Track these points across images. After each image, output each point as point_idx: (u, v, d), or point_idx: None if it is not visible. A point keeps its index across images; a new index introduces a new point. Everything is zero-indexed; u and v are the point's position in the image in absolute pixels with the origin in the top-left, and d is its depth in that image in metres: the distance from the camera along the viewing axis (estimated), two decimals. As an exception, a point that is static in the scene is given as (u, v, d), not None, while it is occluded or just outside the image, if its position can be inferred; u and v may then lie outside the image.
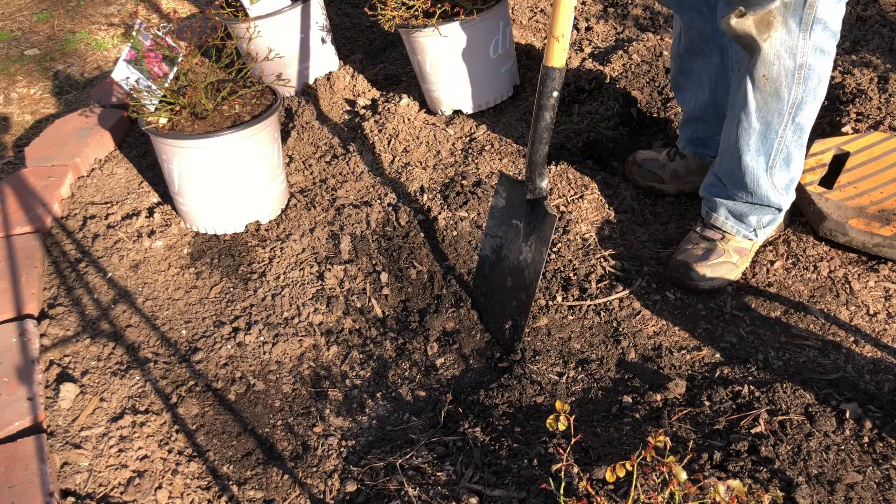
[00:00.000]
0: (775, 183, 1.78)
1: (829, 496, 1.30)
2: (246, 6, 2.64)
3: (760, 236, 1.89)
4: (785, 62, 1.61)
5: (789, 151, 1.74)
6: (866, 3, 2.80)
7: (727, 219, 1.88)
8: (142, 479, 1.58)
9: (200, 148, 2.06)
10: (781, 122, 1.69)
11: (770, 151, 1.74)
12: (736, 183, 1.81)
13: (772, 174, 1.77)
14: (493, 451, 1.52)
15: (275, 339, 1.89)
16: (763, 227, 1.87)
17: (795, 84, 1.64)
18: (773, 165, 1.76)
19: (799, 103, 1.66)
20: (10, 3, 4.13)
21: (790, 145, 1.73)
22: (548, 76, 1.65)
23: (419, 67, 2.59)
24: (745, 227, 1.87)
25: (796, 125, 1.70)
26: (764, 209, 1.84)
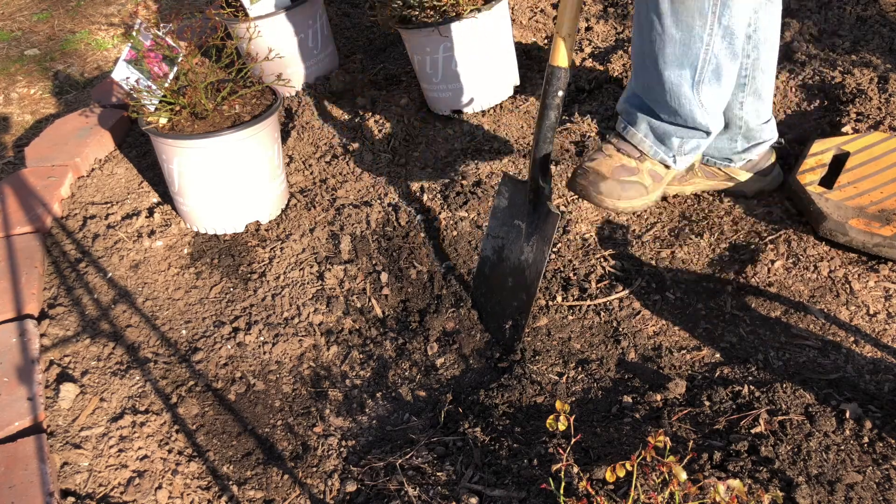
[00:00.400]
0: (702, 101, 1.54)
1: (829, 496, 1.30)
2: (246, 6, 2.64)
3: (679, 163, 1.66)
4: None
5: (719, 62, 1.49)
6: (866, 3, 2.80)
7: (646, 136, 1.64)
8: (142, 479, 1.58)
9: (200, 148, 2.06)
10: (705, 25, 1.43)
11: (696, 63, 1.48)
12: (656, 100, 1.57)
13: (698, 90, 1.52)
14: (493, 451, 1.52)
15: (275, 339, 1.89)
16: (685, 153, 1.64)
17: None
18: (701, 80, 1.51)
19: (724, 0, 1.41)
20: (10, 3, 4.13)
21: (720, 54, 1.48)
22: (554, 75, 1.63)
23: (419, 67, 2.59)
24: (666, 149, 1.64)
25: (724, 28, 1.45)
26: (690, 131, 1.61)
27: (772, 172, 2.10)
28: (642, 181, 1.65)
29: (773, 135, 2.05)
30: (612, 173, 1.63)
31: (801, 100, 2.42)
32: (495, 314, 1.88)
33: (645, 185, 1.65)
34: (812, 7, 2.84)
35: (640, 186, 1.64)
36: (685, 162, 1.66)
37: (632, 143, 1.65)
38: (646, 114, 1.61)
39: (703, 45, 1.46)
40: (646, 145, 1.64)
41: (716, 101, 1.56)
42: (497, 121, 2.58)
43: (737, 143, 2.01)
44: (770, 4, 1.75)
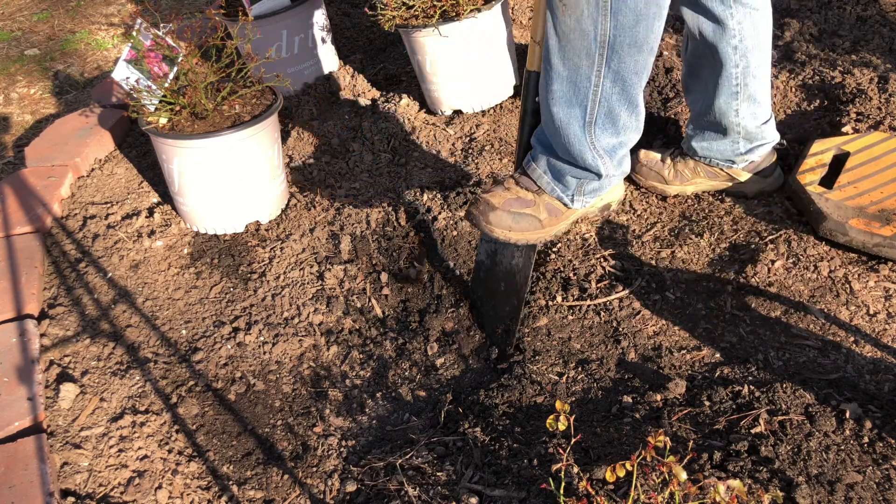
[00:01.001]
0: (594, 143, 1.52)
1: (829, 496, 1.30)
2: (246, 6, 2.64)
3: (577, 203, 1.64)
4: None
5: (611, 106, 1.48)
6: (866, 3, 2.80)
7: (545, 173, 1.63)
8: (142, 479, 1.58)
9: (200, 148, 2.06)
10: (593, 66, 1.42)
11: (585, 103, 1.47)
12: (551, 136, 1.56)
13: (590, 132, 1.50)
14: (493, 451, 1.52)
15: (275, 339, 1.89)
16: (583, 194, 1.62)
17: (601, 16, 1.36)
18: (593, 122, 1.49)
19: (611, 44, 1.39)
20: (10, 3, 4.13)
21: (610, 98, 1.46)
22: (531, 80, 1.64)
23: (419, 67, 2.59)
24: (562, 188, 1.62)
25: (615, 74, 1.43)
26: (583, 172, 1.58)
27: (773, 173, 2.10)
28: (537, 214, 1.65)
29: (774, 136, 2.05)
30: (503, 204, 1.64)
31: (801, 100, 2.42)
32: (490, 318, 1.89)
33: (539, 219, 1.65)
34: (812, 7, 2.84)
35: (533, 219, 1.64)
36: (583, 203, 1.65)
37: (531, 178, 1.66)
38: (546, 150, 1.62)
39: (591, 86, 1.45)
40: (543, 181, 1.65)
41: (612, 148, 1.55)
42: (497, 121, 2.58)
43: (738, 145, 2.02)
44: (754, 12, 1.78)
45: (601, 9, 1.36)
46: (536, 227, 1.64)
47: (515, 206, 1.63)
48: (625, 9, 1.35)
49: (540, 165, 1.64)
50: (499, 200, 1.64)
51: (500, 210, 1.63)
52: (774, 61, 2.59)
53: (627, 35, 1.38)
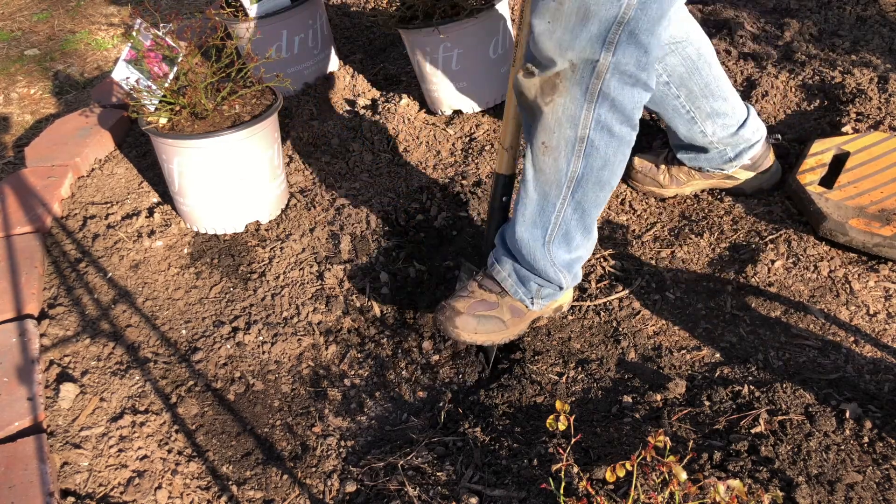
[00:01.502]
0: (553, 260, 1.65)
1: (829, 496, 1.30)
2: (246, 6, 2.64)
3: (536, 306, 1.75)
4: (566, 131, 1.49)
5: (568, 229, 1.62)
6: (866, 3, 2.80)
7: (509, 276, 1.73)
8: (142, 479, 1.58)
9: (200, 148, 2.06)
10: (559, 196, 1.57)
11: (547, 226, 1.62)
12: (518, 251, 1.69)
13: (549, 250, 1.64)
14: (493, 451, 1.52)
15: (274, 338, 1.89)
16: (542, 297, 1.74)
17: (575, 157, 1.52)
18: (551, 241, 1.63)
19: (578, 179, 1.54)
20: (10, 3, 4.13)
21: (569, 223, 1.61)
22: (499, 182, 1.77)
23: (419, 67, 2.59)
24: (525, 291, 1.73)
25: (576, 203, 1.58)
26: (545, 282, 1.71)
27: (770, 169, 2.10)
28: (501, 316, 1.73)
29: (757, 134, 2.05)
30: (467, 308, 1.73)
31: (801, 100, 2.42)
32: None
33: (503, 320, 1.74)
34: (812, 7, 2.84)
35: (497, 321, 1.73)
36: (541, 305, 1.76)
37: (496, 280, 1.76)
38: (511, 256, 1.72)
39: (554, 211, 1.60)
40: (508, 283, 1.74)
41: (567, 263, 1.68)
42: (497, 121, 2.58)
43: (725, 153, 2.04)
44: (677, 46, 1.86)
45: (576, 151, 1.51)
46: (501, 329, 1.74)
47: (480, 308, 1.73)
48: (596, 154, 1.51)
49: (504, 268, 1.73)
50: (463, 305, 1.73)
51: (465, 314, 1.72)
52: (774, 61, 2.59)
53: (594, 175, 1.54)
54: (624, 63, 1.40)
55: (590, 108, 1.46)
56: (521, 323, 1.77)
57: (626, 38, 1.38)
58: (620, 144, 1.52)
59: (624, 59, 1.40)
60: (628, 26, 1.37)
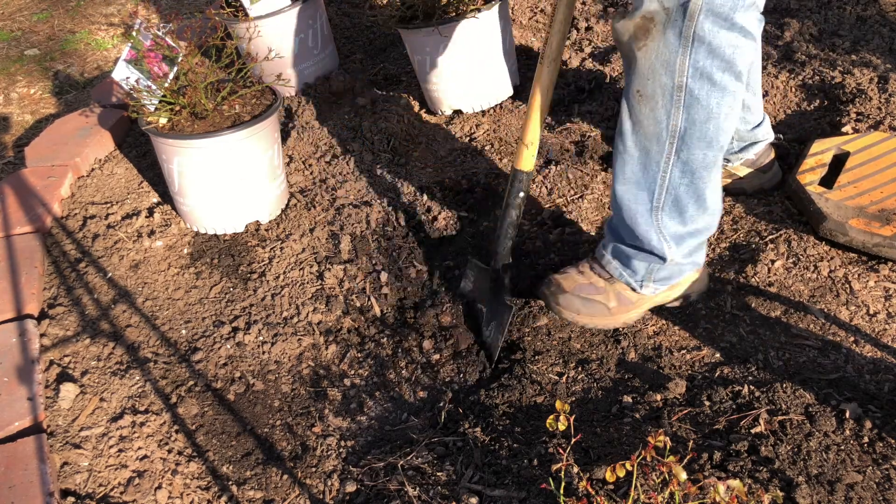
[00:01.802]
0: (661, 228, 1.55)
1: (829, 496, 1.30)
2: (246, 6, 2.64)
3: (646, 290, 1.65)
4: (661, 78, 1.40)
5: (677, 195, 1.52)
6: (866, 3, 2.80)
7: (613, 258, 1.68)
8: (142, 479, 1.58)
9: (200, 148, 2.06)
10: (662, 152, 1.48)
11: (653, 187, 1.52)
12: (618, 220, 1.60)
13: (656, 217, 1.54)
14: (493, 451, 1.52)
15: (274, 338, 1.89)
16: (653, 280, 1.63)
17: (674, 108, 1.42)
18: (660, 207, 1.53)
19: (682, 135, 1.44)
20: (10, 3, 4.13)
21: (678, 188, 1.51)
22: (517, 178, 1.73)
23: (419, 67, 2.59)
24: (630, 272, 1.64)
25: (683, 164, 1.48)
26: (650, 256, 1.60)
27: (771, 169, 2.10)
28: (606, 302, 1.69)
29: (768, 135, 2.06)
30: (573, 288, 1.69)
31: (801, 100, 2.42)
32: None
33: (608, 307, 1.69)
34: (812, 7, 2.84)
35: (601, 306, 1.69)
36: (654, 290, 1.66)
37: (601, 265, 1.71)
38: (614, 236, 1.66)
39: (659, 171, 1.50)
40: (612, 266, 1.68)
41: (679, 236, 1.58)
42: (497, 121, 2.58)
43: (732, 144, 2.03)
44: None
45: (675, 102, 1.41)
46: (604, 314, 1.68)
47: (585, 291, 1.69)
48: (697, 106, 1.40)
49: (608, 251, 1.68)
50: (570, 284, 1.70)
51: (569, 294, 1.69)
52: (774, 61, 2.59)
53: (698, 130, 1.43)
54: (717, 3, 1.31)
55: (685, 54, 1.37)
56: (630, 311, 1.68)
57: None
58: (724, 94, 1.40)
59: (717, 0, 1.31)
60: None
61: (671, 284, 1.67)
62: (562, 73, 2.72)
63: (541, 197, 2.23)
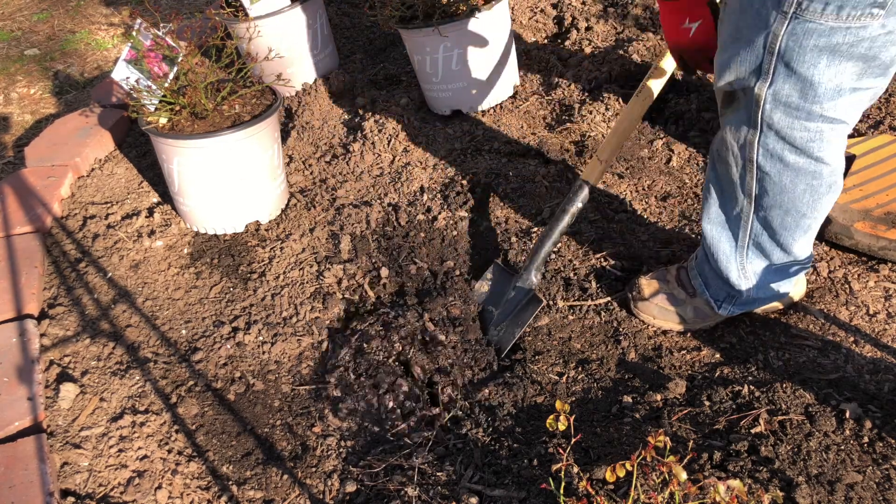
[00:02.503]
0: (745, 265, 1.60)
1: (829, 496, 1.30)
2: (246, 6, 2.64)
3: (723, 311, 1.71)
4: (735, 148, 1.44)
5: (760, 243, 1.55)
6: (866, 3, 2.79)
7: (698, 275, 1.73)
8: (142, 479, 1.58)
9: (200, 148, 2.06)
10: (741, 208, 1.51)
11: (737, 232, 1.56)
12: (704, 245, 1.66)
13: (741, 255, 1.59)
14: (493, 451, 1.52)
15: (274, 338, 1.89)
16: (731, 304, 1.69)
17: (748, 176, 1.45)
18: (744, 247, 1.57)
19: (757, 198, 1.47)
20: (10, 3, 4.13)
21: (760, 237, 1.54)
22: (581, 188, 1.83)
23: (419, 67, 2.60)
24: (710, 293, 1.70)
25: (763, 221, 1.51)
26: (729, 287, 1.66)
27: None
28: (683, 314, 1.75)
29: None
30: (652, 296, 1.77)
31: (801, 100, 2.42)
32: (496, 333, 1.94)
33: (685, 318, 1.75)
34: (812, 7, 2.84)
35: (678, 317, 1.76)
36: (730, 311, 1.70)
37: (688, 276, 1.76)
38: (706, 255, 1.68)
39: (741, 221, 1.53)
40: (697, 282, 1.73)
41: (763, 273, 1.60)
42: (497, 121, 2.58)
43: None
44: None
45: (748, 171, 1.43)
46: (679, 323, 1.76)
47: (665, 301, 1.75)
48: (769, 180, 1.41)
49: (695, 267, 1.74)
50: (649, 291, 1.77)
51: (648, 302, 1.78)
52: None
53: (772, 199, 1.44)
54: (784, 94, 1.27)
55: (754, 134, 1.37)
56: (702, 323, 1.75)
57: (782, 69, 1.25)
58: (798, 174, 1.38)
59: (783, 90, 1.27)
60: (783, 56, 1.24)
61: (750, 309, 1.73)
62: (561, 73, 2.72)
63: (541, 197, 2.23)
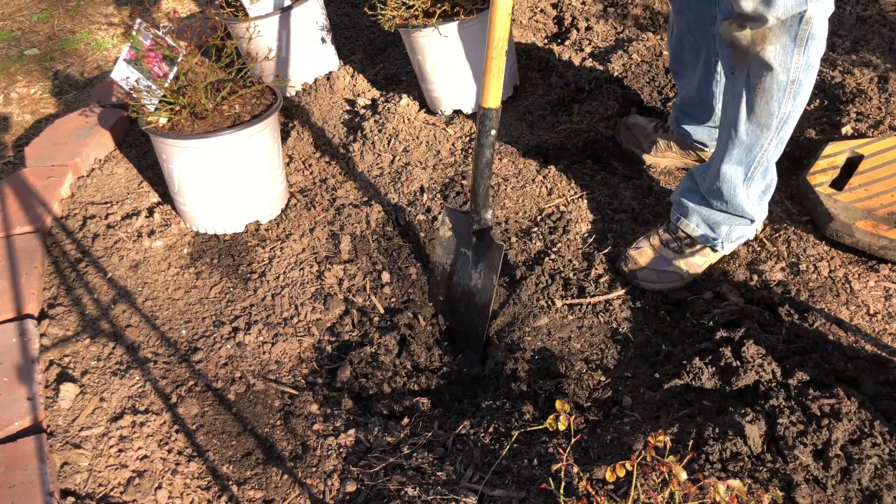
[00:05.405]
0: (750, 194, 1.78)
1: (829, 496, 1.30)
2: (246, 6, 2.64)
3: (727, 248, 1.88)
4: (779, 77, 1.59)
5: (768, 164, 1.75)
6: (866, 3, 2.79)
7: (698, 226, 1.87)
8: (142, 479, 1.58)
9: (200, 148, 2.06)
10: (769, 137, 1.68)
11: (751, 164, 1.74)
12: (712, 190, 1.81)
13: (749, 185, 1.77)
14: (493, 451, 1.52)
15: (274, 338, 1.89)
16: (732, 240, 1.87)
17: (786, 99, 1.62)
18: (752, 177, 1.76)
19: (786, 118, 1.65)
20: (10, 3, 4.13)
21: (770, 158, 1.73)
22: (486, 116, 1.76)
23: (419, 67, 2.59)
24: (715, 235, 1.86)
25: (780, 139, 1.70)
26: (737, 219, 1.83)
27: None
28: (678, 270, 1.88)
29: None
30: (648, 263, 1.88)
31: (801, 100, 2.42)
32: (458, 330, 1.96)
33: (680, 274, 1.89)
34: (812, 7, 2.84)
35: (675, 275, 1.88)
36: (731, 247, 1.89)
37: (684, 233, 1.89)
38: (700, 205, 1.85)
39: (761, 150, 1.72)
40: (698, 233, 1.87)
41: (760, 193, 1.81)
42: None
43: (714, 129, 2.11)
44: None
45: (788, 94, 1.61)
46: (676, 280, 1.89)
47: (660, 264, 1.88)
48: (803, 92, 1.61)
49: (692, 220, 1.87)
50: (645, 260, 1.89)
51: (646, 269, 1.89)
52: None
53: (799, 110, 1.65)
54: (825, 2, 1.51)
55: (800, 53, 1.55)
56: (696, 272, 1.89)
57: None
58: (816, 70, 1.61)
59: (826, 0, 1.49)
60: None
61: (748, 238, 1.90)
62: (561, 73, 2.72)
63: (541, 197, 2.23)
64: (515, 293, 1.94)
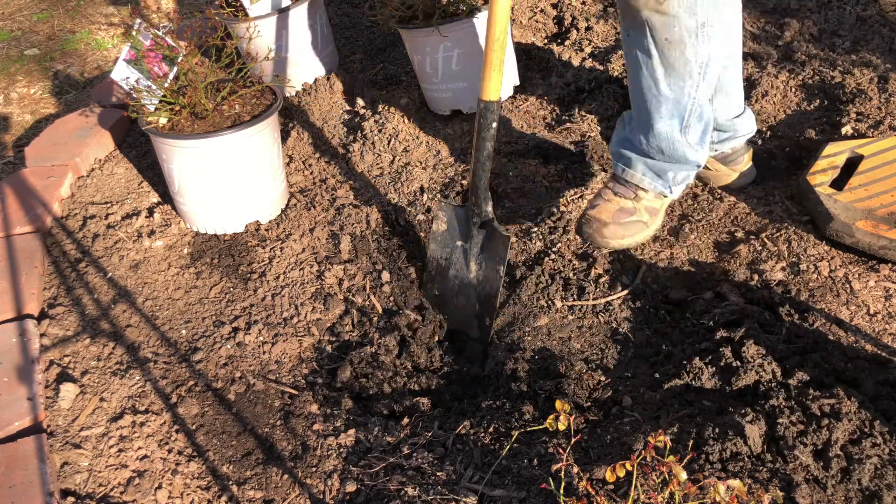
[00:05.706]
0: (689, 141, 1.77)
1: (829, 496, 1.30)
2: (246, 6, 2.64)
3: (675, 192, 1.89)
4: (685, 22, 1.55)
5: (701, 109, 1.73)
6: (866, 3, 2.80)
7: (644, 175, 1.87)
8: (142, 479, 1.58)
9: (200, 148, 2.06)
10: (694, 85, 1.66)
11: (683, 114, 1.72)
12: (651, 146, 1.81)
13: (686, 134, 1.75)
14: (493, 451, 1.52)
15: (274, 338, 1.89)
16: (678, 183, 1.87)
17: (701, 44, 1.58)
18: (688, 126, 1.74)
19: (706, 63, 1.62)
20: (10, 3, 4.13)
21: (702, 103, 1.71)
22: (487, 109, 1.77)
23: (419, 67, 2.59)
24: (663, 182, 1.86)
25: (707, 83, 1.67)
26: (682, 165, 1.83)
27: (742, 169, 2.11)
28: (641, 218, 1.87)
29: (747, 129, 2.08)
30: (612, 217, 1.87)
31: (801, 100, 2.42)
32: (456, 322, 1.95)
33: (644, 221, 1.88)
34: (812, 7, 2.84)
35: (639, 224, 1.87)
36: (679, 190, 1.89)
37: (632, 182, 1.87)
38: (641, 154, 1.83)
39: (689, 100, 1.69)
40: (645, 182, 1.85)
41: (700, 136, 1.79)
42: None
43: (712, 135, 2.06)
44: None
45: (700, 38, 1.56)
46: (642, 229, 1.89)
47: (622, 217, 1.86)
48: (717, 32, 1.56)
49: (637, 169, 1.85)
50: (607, 216, 1.87)
51: (611, 225, 1.86)
52: (774, 61, 2.59)
53: (717, 49, 1.60)
54: None
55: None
56: (658, 218, 1.89)
57: None
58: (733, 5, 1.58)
59: None
60: None
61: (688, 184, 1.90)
62: (561, 73, 2.72)
63: (541, 197, 2.23)
64: (515, 293, 1.94)
